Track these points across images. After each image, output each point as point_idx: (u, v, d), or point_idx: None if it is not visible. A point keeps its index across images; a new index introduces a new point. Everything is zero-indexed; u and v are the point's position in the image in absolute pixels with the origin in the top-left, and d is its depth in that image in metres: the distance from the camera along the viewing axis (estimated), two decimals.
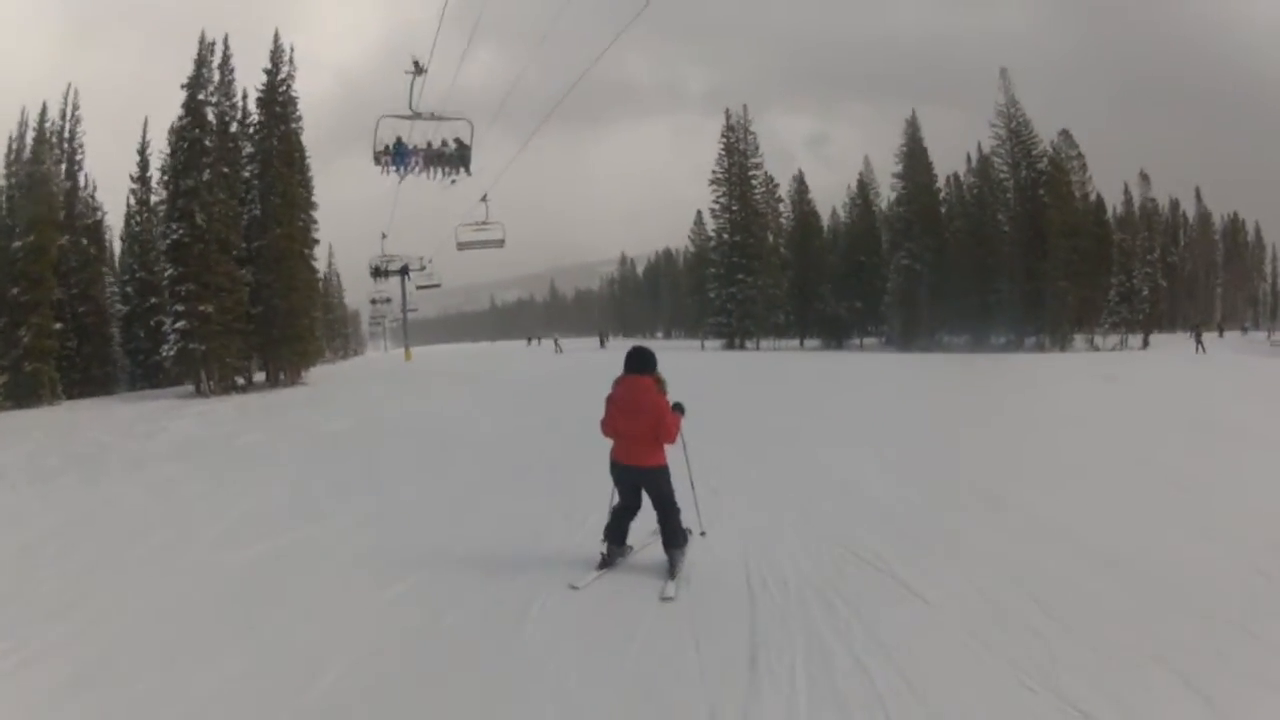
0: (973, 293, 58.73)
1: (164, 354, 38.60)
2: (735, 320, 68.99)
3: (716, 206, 72.00)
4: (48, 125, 41.45)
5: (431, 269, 69.52)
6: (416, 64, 27.59)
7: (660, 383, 7.17)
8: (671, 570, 7.02)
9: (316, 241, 45.79)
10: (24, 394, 36.02)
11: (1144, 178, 65.89)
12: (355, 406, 26.73)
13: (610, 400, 7.19)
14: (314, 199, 45.91)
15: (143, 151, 45.42)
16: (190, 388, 38.05)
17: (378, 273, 69.48)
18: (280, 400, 32.01)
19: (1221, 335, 68.01)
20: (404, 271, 70.15)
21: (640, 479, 7.16)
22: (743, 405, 21.50)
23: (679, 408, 7.37)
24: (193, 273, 37.25)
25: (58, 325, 38.56)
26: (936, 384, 29.01)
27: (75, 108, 43.12)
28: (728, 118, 72.10)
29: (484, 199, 37.47)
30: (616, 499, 7.45)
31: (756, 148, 72.00)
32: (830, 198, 72.52)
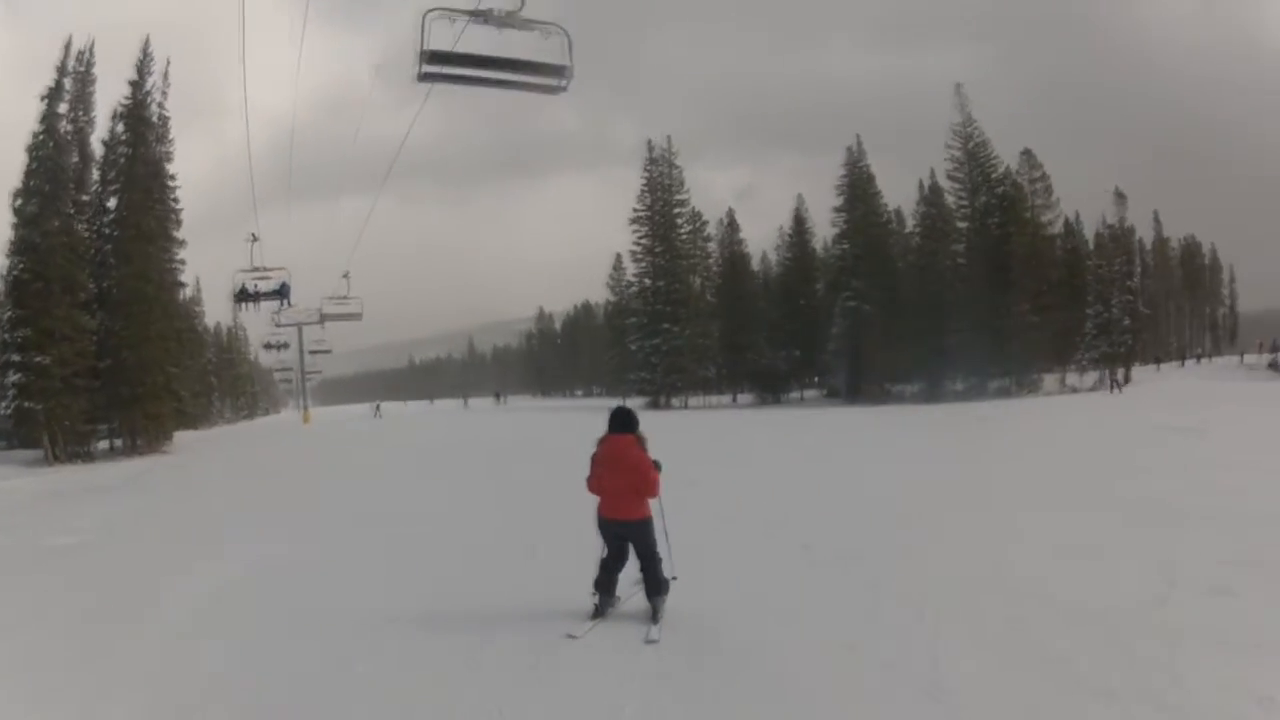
0: (928, 334, 52.12)
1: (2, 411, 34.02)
2: (660, 375, 61.94)
3: (638, 249, 64.97)
4: None
5: (349, 294, 61.41)
6: None
7: (641, 440, 7.54)
8: (655, 615, 7.44)
9: (182, 284, 42.43)
10: None
11: (1120, 196, 59.23)
12: (185, 490, 21.35)
13: (595, 459, 7.57)
14: (179, 235, 41.30)
15: None
16: (40, 452, 33.19)
17: (244, 296, 61.13)
18: (107, 476, 26.15)
19: (1199, 362, 65.88)
20: (280, 293, 60.53)
21: (626, 531, 7.52)
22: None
23: (657, 465, 7.58)
24: (29, 316, 32.74)
25: None
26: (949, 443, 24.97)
27: None
28: (650, 150, 65.21)
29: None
30: (604, 552, 7.70)
31: (682, 183, 65.29)
32: (759, 248, 68.70)
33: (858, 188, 58.03)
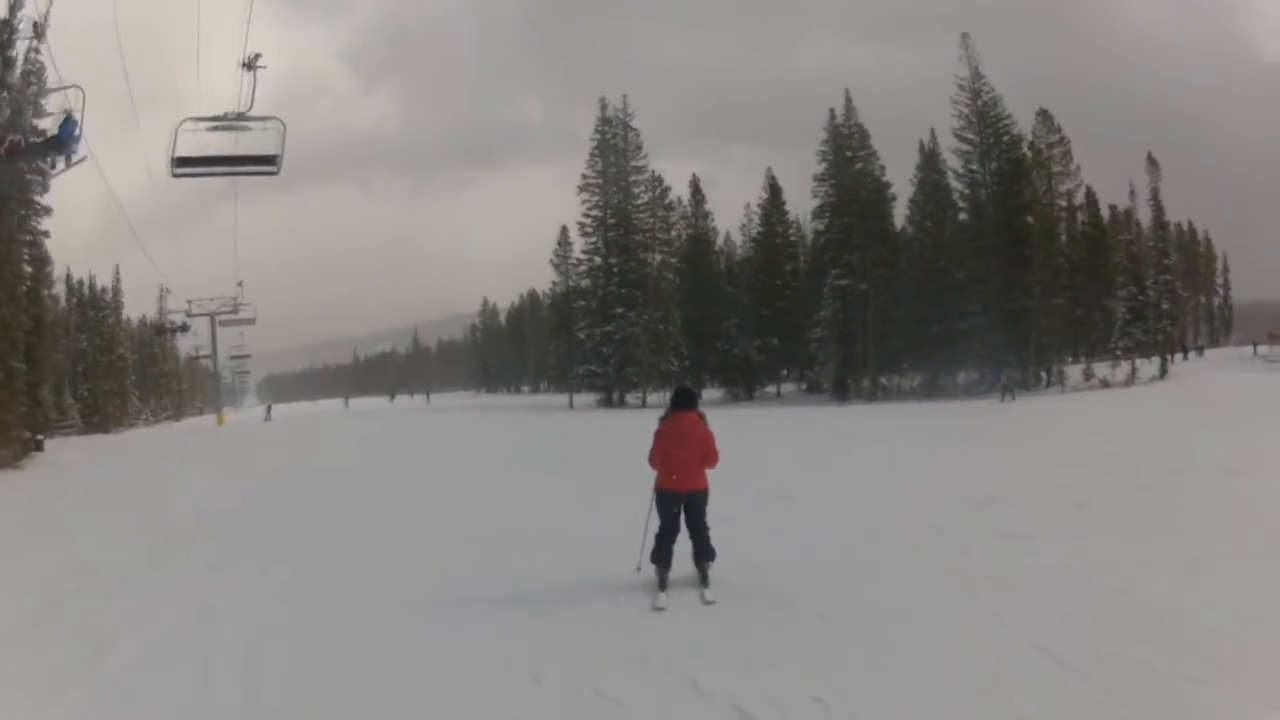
0: (932, 319, 45.39)
1: None
2: (613, 368, 54.25)
3: (587, 220, 57.23)
4: None
5: (242, 302, 60.76)
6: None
7: (703, 416, 8.37)
8: (704, 579, 8.11)
9: (42, 259, 36.83)
10: None
11: (1152, 163, 50.53)
12: None
13: (660, 434, 8.29)
14: (40, 199, 35.33)
15: None
16: None
17: (161, 332, 65.71)
18: None
19: (1201, 354, 62.57)
20: (183, 329, 63.44)
21: (689, 500, 8.15)
22: None
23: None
24: None
25: None
26: None
27: None
28: (603, 109, 57.42)
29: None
30: (657, 526, 8.24)
31: (639, 148, 57.34)
32: (722, 233, 62.76)
33: (847, 147, 50.72)
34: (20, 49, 27.40)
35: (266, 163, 23.73)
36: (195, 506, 16.30)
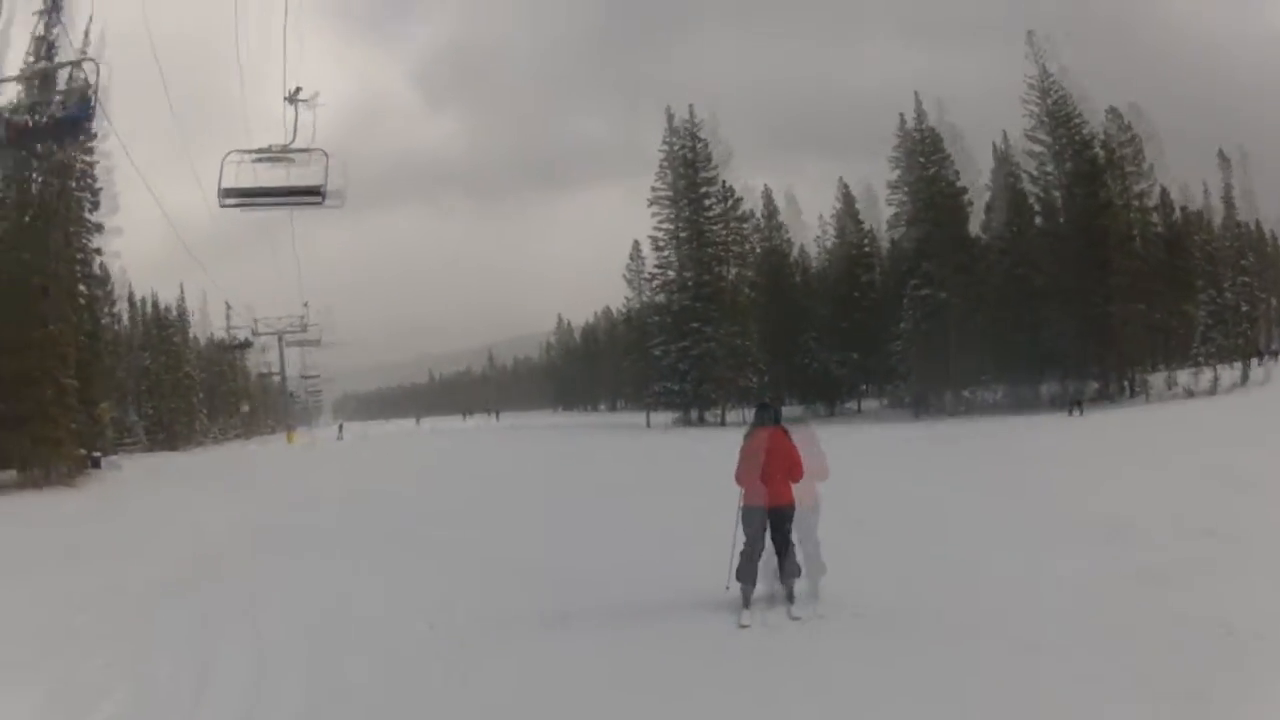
0: (1013, 330, 44.53)
1: None
2: (691, 385, 53.63)
3: (660, 234, 56.74)
4: None
5: (310, 322, 62.17)
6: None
7: (787, 432, 8.55)
8: (791, 595, 8.30)
9: (100, 277, 39.14)
10: None
11: (1223, 160, 49.53)
12: None
13: (746, 452, 8.47)
14: (91, 217, 36.65)
15: None
16: None
17: (224, 347, 65.69)
18: None
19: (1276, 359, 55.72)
20: (246, 345, 65.22)
21: (779, 517, 8.30)
22: None
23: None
24: None
25: None
26: None
27: None
28: (669, 120, 56.91)
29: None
30: (742, 544, 8.36)
31: (709, 159, 56.43)
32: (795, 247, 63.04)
33: (920, 152, 49.91)
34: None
35: (312, 194, 24.24)
36: (234, 532, 16.43)
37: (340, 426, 79.47)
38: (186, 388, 66.08)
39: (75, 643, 8.49)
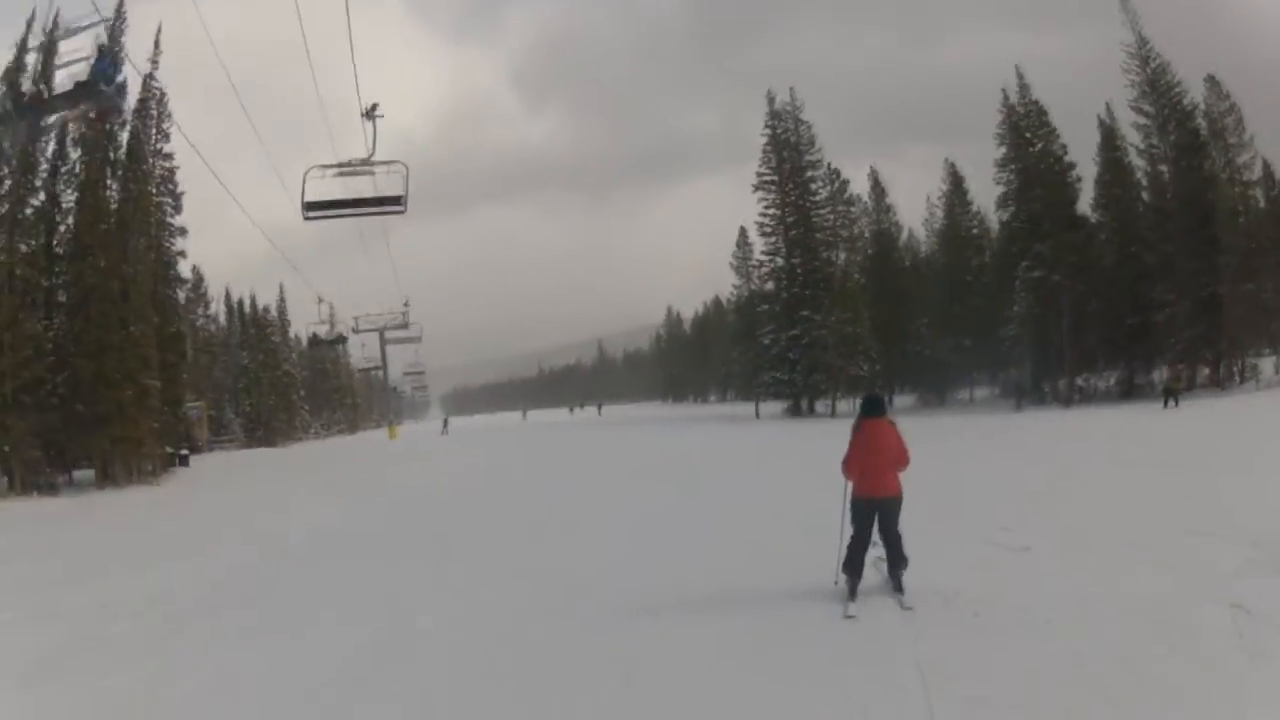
0: (1127, 311, 43.05)
1: None
2: (800, 375, 53.35)
3: (765, 219, 56.57)
4: None
5: (409, 319, 65.37)
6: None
7: (894, 422, 8.75)
8: (900, 586, 8.44)
9: (182, 279, 39.98)
10: None
11: None
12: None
13: (854, 443, 8.57)
14: (174, 220, 38.68)
15: None
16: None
17: (316, 342, 65.56)
18: None
19: None
20: (339, 341, 66.06)
21: (886, 507, 8.39)
22: None
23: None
24: None
25: None
26: None
27: None
28: (770, 103, 56.45)
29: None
30: (849, 536, 8.52)
31: (812, 141, 56.14)
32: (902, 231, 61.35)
33: (1026, 128, 48.19)
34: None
35: (393, 203, 25.61)
36: (299, 537, 16.20)
37: (445, 421, 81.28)
38: (285, 385, 69.08)
39: (101, 653, 8.22)
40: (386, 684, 6.97)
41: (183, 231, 38.61)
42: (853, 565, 8.39)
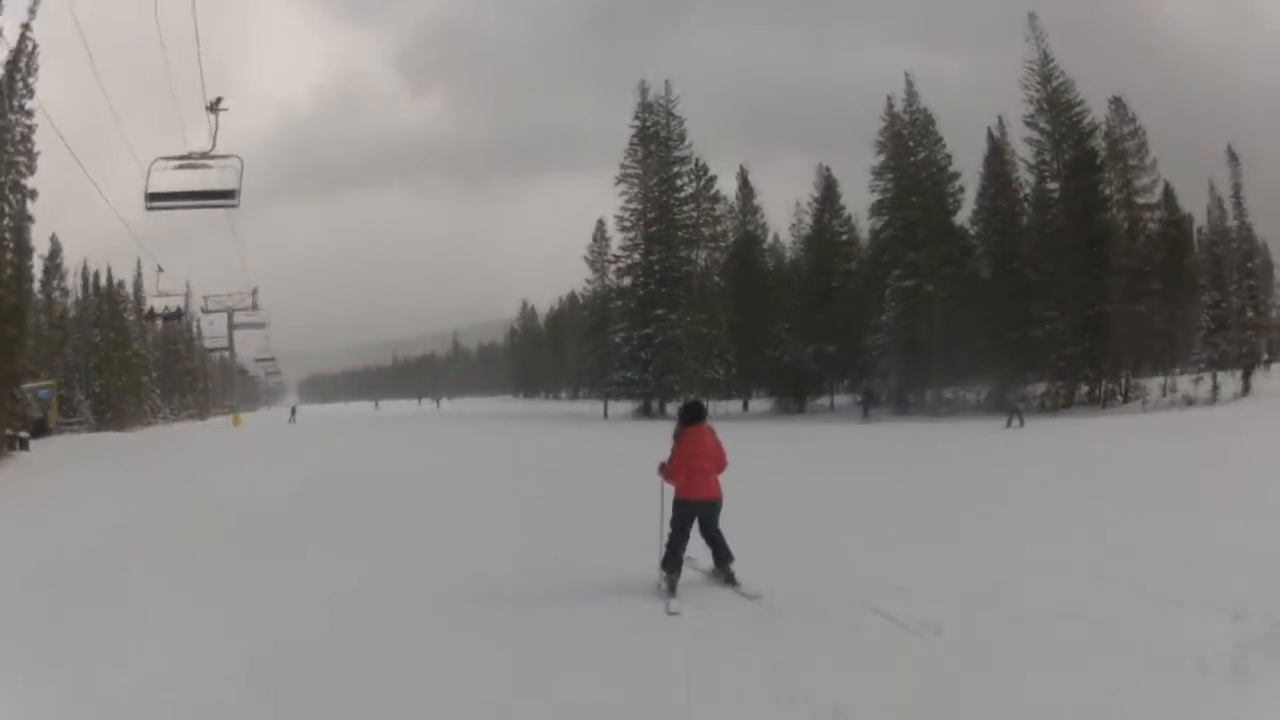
0: (1004, 326, 41.59)
1: None
2: (653, 375, 50.74)
3: (626, 214, 53.76)
4: None
5: (257, 305, 65.28)
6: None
7: (713, 429, 8.90)
8: (733, 579, 8.66)
9: (30, 247, 35.39)
10: None
11: (1232, 157, 46.17)
12: None
13: (678, 451, 8.68)
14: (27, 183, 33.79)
15: None
16: None
17: (152, 316, 62.33)
18: None
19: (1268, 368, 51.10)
20: (175, 316, 62.36)
21: (710, 509, 8.71)
22: None
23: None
24: None
25: None
26: None
27: None
28: (643, 94, 53.85)
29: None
30: (669, 535, 8.67)
31: (682, 137, 53.71)
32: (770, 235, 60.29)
33: (909, 136, 46.68)
34: None
35: (227, 196, 27.39)
36: (120, 533, 13.91)
37: (293, 410, 77.44)
38: (136, 366, 64.68)
39: None
40: None
41: (33, 194, 34.02)
42: (674, 562, 8.63)
